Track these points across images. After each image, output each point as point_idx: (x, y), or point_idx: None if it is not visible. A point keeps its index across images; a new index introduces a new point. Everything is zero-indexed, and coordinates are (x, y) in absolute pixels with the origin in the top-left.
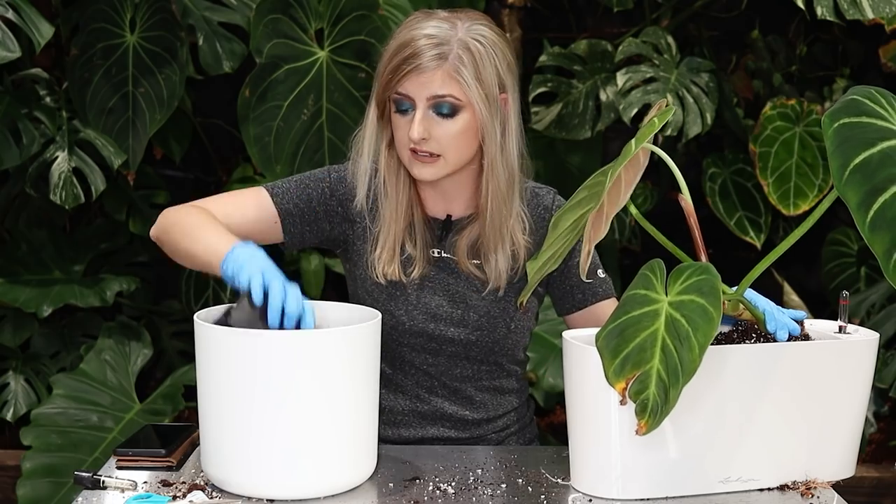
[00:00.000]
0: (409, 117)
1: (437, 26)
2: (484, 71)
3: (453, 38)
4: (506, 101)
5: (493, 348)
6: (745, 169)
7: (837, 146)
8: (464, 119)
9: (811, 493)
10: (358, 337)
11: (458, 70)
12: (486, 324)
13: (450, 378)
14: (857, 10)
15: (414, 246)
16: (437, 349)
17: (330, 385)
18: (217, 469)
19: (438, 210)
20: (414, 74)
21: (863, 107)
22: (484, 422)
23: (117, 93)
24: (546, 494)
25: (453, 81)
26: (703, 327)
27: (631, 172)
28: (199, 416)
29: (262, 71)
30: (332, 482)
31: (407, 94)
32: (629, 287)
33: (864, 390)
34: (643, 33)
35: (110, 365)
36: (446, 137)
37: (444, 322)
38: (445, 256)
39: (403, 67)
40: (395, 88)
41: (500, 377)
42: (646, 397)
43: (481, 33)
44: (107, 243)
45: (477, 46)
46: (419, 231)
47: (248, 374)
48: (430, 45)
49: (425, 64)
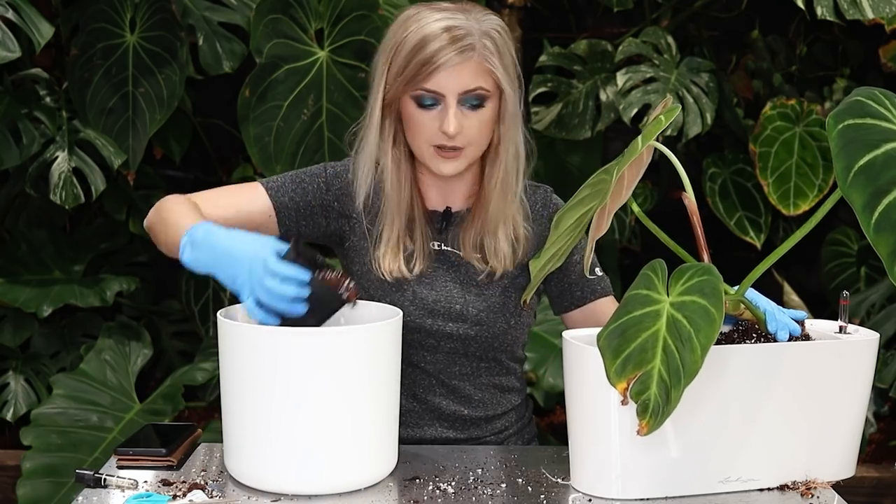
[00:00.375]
0: (434, 112)
1: (451, 17)
2: (506, 58)
3: (474, 29)
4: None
5: (492, 344)
6: (745, 169)
7: (842, 148)
8: (489, 109)
9: (811, 493)
10: (379, 335)
11: (488, 59)
12: (485, 318)
13: (448, 376)
14: (857, 10)
15: (413, 241)
16: (435, 346)
17: (350, 383)
18: (238, 463)
19: (438, 203)
20: (443, 69)
21: (867, 108)
22: (483, 421)
23: (117, 93)
24: (546, 494)
25: (483, 72)
26: (705, 329)
27: (634, 169)
28: (221, 411)
29: (262, 71)
30: (351, 479)
31: (436, 90)
32: (631, 287)
33: (864, 390)
34: (643, 33)
35: (110, 365)
36: (474, 129)
37: (442, 317)
38: (446, 249)
39: (432, 63)
40: (421, 85)
41: (500, 374)
42: (647, 398)
43: (496, 22)
44: (107, 243)
45: (496, 35)
46: (419, 225)
47: (269, 370)
48: (453, 37)
49: (454, 58)
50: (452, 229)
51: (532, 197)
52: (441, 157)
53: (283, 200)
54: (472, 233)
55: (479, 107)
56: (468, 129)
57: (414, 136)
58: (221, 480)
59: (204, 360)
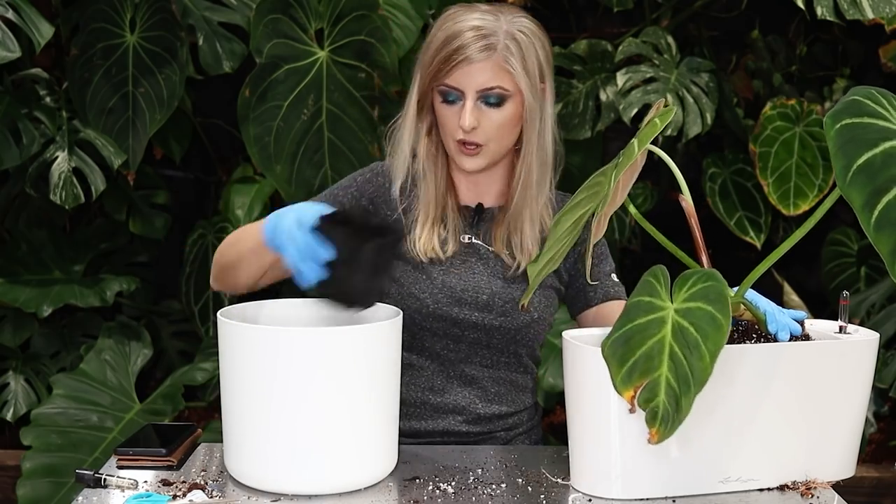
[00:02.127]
0: (456, 107)
1: (481, 17)
2: (529, 61)
3: (500, 30)
4: (545, 91)
5: (514, 336)
6: (745, 169)
7: (840, 147)
8: (510, 108)
9: (811, 493)
10: (379, 335)
11: (508, 60)
12: (510, 309)
13: (468, 366)
14: (857, 10)
15: (446, 230)
16: (458, 335)
17: (350, 382)
18: (238, 463)
19: (471, 199)
20: (464, 66)
21: (864, 107)
22: (496, 417)
23: (117, 93)
24: (546, 494)
25: (503, 72)
26: (712, 335)
27: (629, 173)
28: (221, 411)
29: (262, 71)
30: (351, 479)
31: (456, 86)
32: (632, 294)
33: (864, 390)
34: (643, 33)
35: (110, 365)
36: (492, 127)
37: (468, 306)
38: (475, 242)
39: (453, 59)
40: (444, 80)
41: (517, 371)
42: (656, 405)
43: (525, 24)
44: (107, 243)
45: (521, 37)
46: (451, 218)
47: (269, 370)
48: (478, 36)
49: (475, 55)
50: (484, 225)
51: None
52: (463, 152)
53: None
54: (502, 229)
55: (498, 105)
56: (487, 126)
57: (441, 129)
58: (221, 480)
59: (204, 360)
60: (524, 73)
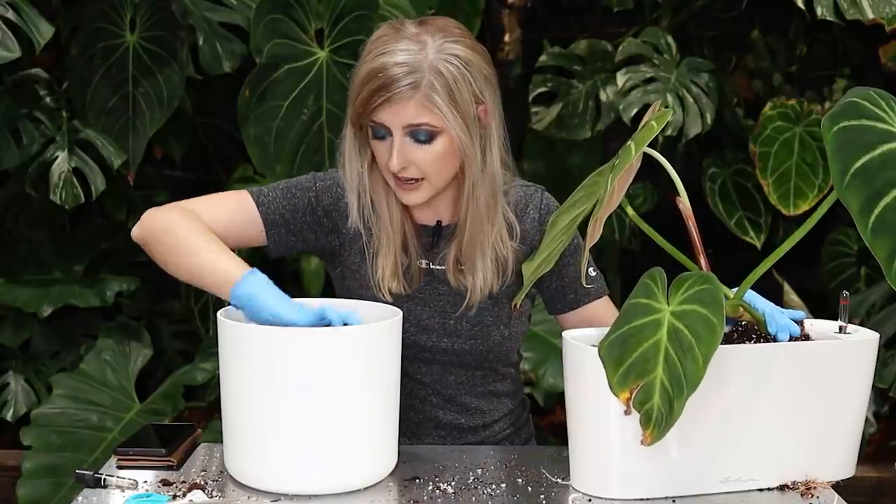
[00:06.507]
0: (387, 143)
1: (406, 49)
2: (458, 94)
3: (424, 63)
4: (486, 112)
5: (487, 355)
6: (745, 169)
7: (837, 150)
8: (442, 142)
9: (811, 493)
10: (379, 335)
11: (431, 98)
12: (479, 332)
13: (444, 386)
14: (857, 10)
15: (408, 256)
16: (430, 359)
17: (350, 383)
18: (238, 463)
19: (428, 217)
20: (387, 104)
21: (862, 109)
22: (480, 428)
23: (117, 93)
24: (546, 494)
25: (426, 110)
26: (706, 338)
27: (625, 176)
28: (221, 411)
29: (262, 71)
30: (351, 479)
31: (383, 122)
32: (630, 296)
33: (864, 390)
34: (643, 33)
35: (110, 365)
36: (426, 162)
37: (436, 334)
38: (434, 268)
39: (376, 98)
40: (370, 117)
41: (495, 381)
42: (650, 407)
43: (453, 52)
44: (107, 243)
45: (449, 69)
46: (411, 242)
47: (269, 370)
48: (401, 73)
49: (398, 95)
50: (443, 246)
51: (523, 201)
52: (402, 188)
53: (274, 218)
54: (456, 257)
55: (429, 141)
56: (421, 162)
57: (378, 163)
58: (221, 480)
59: (204, 360)
60: (450, 108)
